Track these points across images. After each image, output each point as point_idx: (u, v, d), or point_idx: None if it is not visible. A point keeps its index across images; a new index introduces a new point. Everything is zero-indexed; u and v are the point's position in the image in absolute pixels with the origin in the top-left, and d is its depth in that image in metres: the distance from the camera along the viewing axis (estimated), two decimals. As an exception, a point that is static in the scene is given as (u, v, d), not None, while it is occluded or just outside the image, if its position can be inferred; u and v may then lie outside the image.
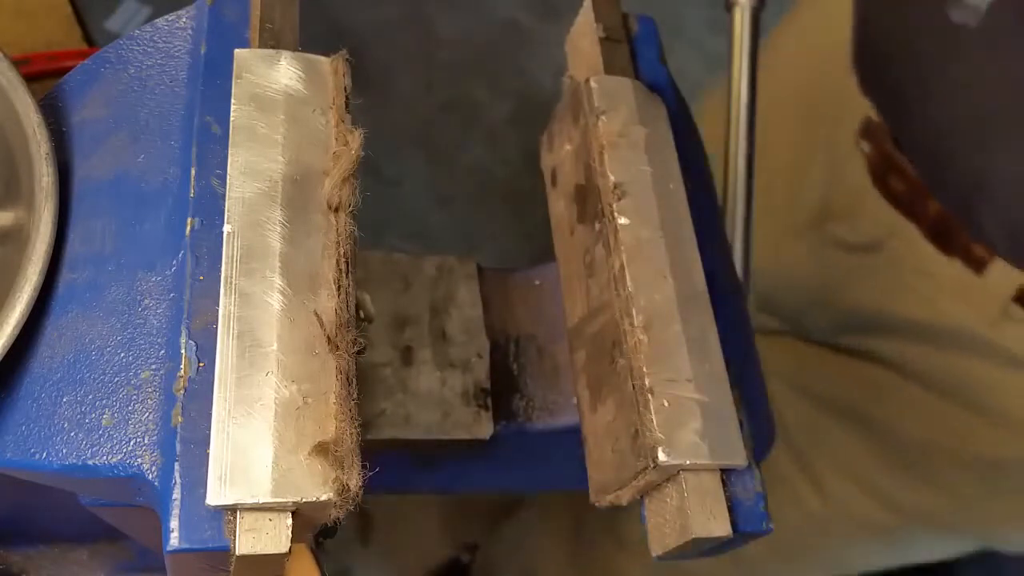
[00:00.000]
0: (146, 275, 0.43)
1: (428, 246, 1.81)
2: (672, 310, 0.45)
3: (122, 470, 0.39)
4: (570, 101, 0.53)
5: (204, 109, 0.45)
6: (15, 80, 0.46)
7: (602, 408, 0.47)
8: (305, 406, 0.38)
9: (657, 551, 0.44)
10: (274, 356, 0.39)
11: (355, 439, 0.38)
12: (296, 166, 0.43)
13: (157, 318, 0.42)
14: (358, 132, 0.44)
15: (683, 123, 0.54)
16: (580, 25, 0.55)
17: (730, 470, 0.44)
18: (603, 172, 0.48)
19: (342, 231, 0.43)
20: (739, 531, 0.43)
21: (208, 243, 0.42)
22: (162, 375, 0.40)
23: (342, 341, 0.40)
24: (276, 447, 0.37)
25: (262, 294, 0.40)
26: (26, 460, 0.40)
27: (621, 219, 0.47)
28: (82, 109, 0.48)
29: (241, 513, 0.36)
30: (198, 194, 0.43)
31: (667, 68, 0.55)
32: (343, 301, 0.41)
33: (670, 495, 0.43)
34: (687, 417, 0.43)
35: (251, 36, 0.47)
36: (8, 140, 0.45)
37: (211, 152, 0.44)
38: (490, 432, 0.53)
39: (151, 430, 0.40)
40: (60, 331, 0.42)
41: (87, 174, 0.46)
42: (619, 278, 0.46)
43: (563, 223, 0.53)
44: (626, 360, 0.45)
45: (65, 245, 0.44)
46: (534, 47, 2.04)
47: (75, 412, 0.40)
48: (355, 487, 0.38)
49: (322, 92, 0.46)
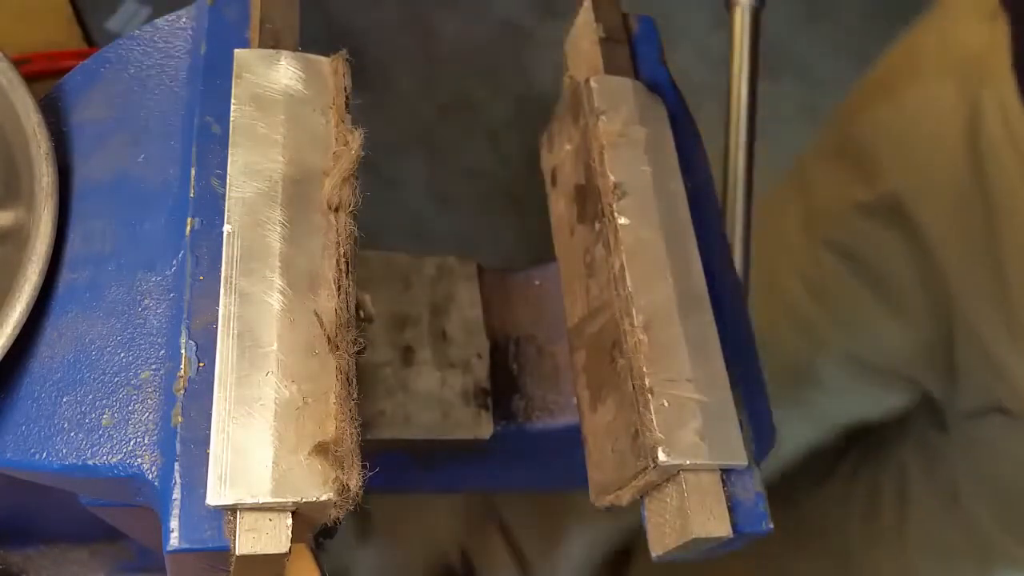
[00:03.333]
0: (146, 275, 0.43)
1: (428, 246, 1.81)
2: (672, 310, 0.45)
3: (122, 470, 0.39)
4: (570, 101, 0.53)
5: (204, 109, 0.45)
6: (15, 80, 0.46)
7: (602, 408, 0.47)
8: (305, 406, 0.38)
9: (657, 551, 0.44)
10: (274, 356, 0.39)
11: (355, 439, 0.38)
12: (296, 166, 0.43)
13: (157, 318, 0.42)
14: (358, 132, 0.44)
15: (683, 123, 0.54)
16: (580, 25, 0.55)
17: (730, 470, 0.44)
18: (603, 172, 0.48)
19: (342, 231, 0.43)
20: (739, 531, 0.43)
21: (208, 243, 0.42)
22: (162, 375, 0.40)
23: (342, 341, 0.40)
24: (276, 447, 0.37)
25: (262, 294, 0.40)
26: (26, 460, 0.40)
27: (621, 219, 0.47)
28: (82, 109, 0.48)
29: (241, 513, 0.36)
30: (198, 194, 0.43)
31: (667, 68, 0.55)
32: (343, 301, 0.41)
33: (670, 495, 0.43)
34: (687, 417, 0.43)
35: (251, 36, 0.47)
36: (8, 140, 0.45)
37: (211, 152, 0.44)
38: (490, 432, 0.53)
39: (151, 430, 0.40)
40: (60, 331, 0.42)
41: (87, 174, 0.46)
42: (619, 278, 0.46)
43: (563, 223, 0.53)
44: (626, 360, 0.45)
45: (65, 245, 0.44)
46: (534, 47, 2.04)
47: (75, 412, 0.40)
48: (355, 487, 0.38)
49: (322, 92, 0.46)
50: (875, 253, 0.97)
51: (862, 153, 0.96)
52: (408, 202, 1.86)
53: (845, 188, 0.98)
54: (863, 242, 0.97)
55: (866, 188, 0.95)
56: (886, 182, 0.93)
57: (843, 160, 1.00)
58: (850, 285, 1.00)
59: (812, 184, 1.06)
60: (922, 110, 0.90)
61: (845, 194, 0.98)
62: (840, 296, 1.02)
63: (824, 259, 1.01)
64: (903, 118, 0.92)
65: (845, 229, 0.99)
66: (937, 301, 0.92)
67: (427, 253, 0.58)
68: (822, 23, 2.16)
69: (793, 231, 1.06)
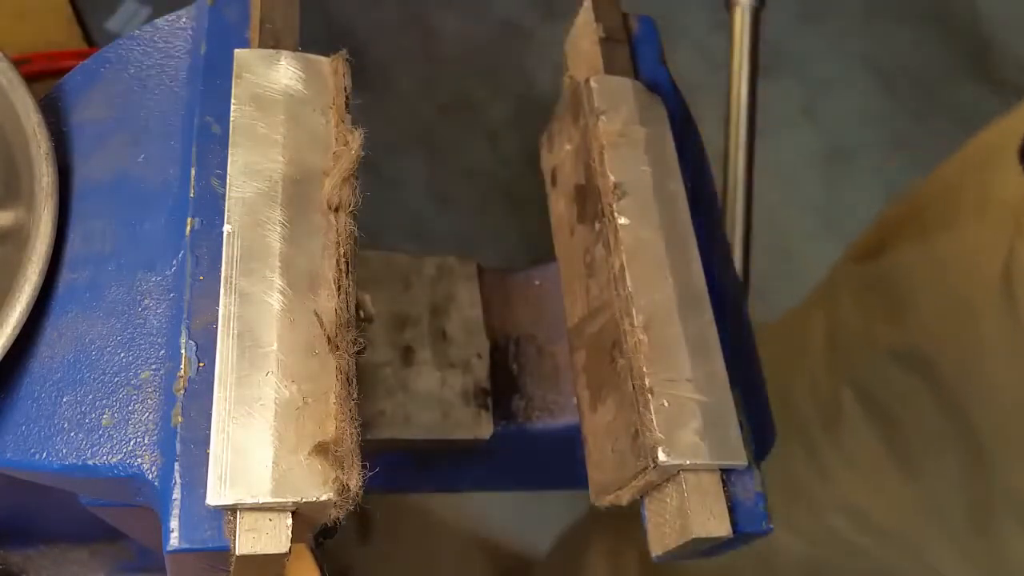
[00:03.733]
0: (146, 275, 0.43)
1: (428, 246, 1.81)
2: (672, 310, 0.45)
3: (122, 470, 0.39)
4: (570, 101, 0.53)
5: (204, 109, 0.45)
6: (15, 80, 0.46)
7: (602, 408, 0.47)
8: (305, 406, 0.38)
9: (657, 551, 0.44)
10: (274, 356, 0.39)
11: (355, 439, 0.38)
12: (296, 166, 0.43)
13: (157, 318, 0.42)
14: (358, 132, 0.44)
15: (683, 123, 0.54)
16: (580, 25, 0.55)
17: (730, 470, 0.44)
18: (603, 172, 0.48)
19: (342, 231, 0.43)
20: (739, 531, 0.43)
21: (208, 243, 0.42)
22: (162, 375, 0.40)
23: (342, 341, 0.40)
24: (276, 447, 0.37)
25: (262, 294, 0.40)
26: (26, 460, 0.40)
27: (621, 219, 0.47)
28: (82, 109, 0.48)
29: (241, 513, 0.36)
30: (198, 194, 0.43)
31: (667, 68, 0.55)
32: (343, 301, 0.41)
33: (670, 495, 0.43)
34: (687, 417, 0.43)
35: (251, 36, 0.47)
36: (8, 140, 0.45)
37: (211, 152, 0.44)
38: (490, 432, 0.53)
39: (151, 430, 0.40)
40: (60, 331, 0.42)
41: (87, 174, 0.46)
42: (619, 278, 0.46)
43: (563, 223, 0.53)
44: (626, 360, 0.45)
45: (65, 245, 0.44)
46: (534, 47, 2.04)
47: (75, 412, 0.40)
48: (355, 487, 0.38)
49: (322, 92, 0.46)
50: (899, 404, 0.91)
51: (892, 293, 0.92)
52: (408, 202, 1.86)
53: (873, 326, 0.94)
54: (886, 390, 0.92)
55: (894, 332, 0.91)
56: (915, 330, 0.89)
57: (873, 294, 0.95)
58: (864, 432, 0.94)
59: (840, 311, 1.00)
60: (956, 257, 0.86)
61: (872, 333, 0.94)
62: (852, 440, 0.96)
63: (843, 396, 0.96)
64: (936, 263, 0.88)
65: (869, 371, 0.94)
66: (965, 462, 0.87)
67: (427, 253, 0.58)
68: (822, 23, 2.16)
69: (815, 354, 1.00)
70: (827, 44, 2.14)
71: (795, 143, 2.03)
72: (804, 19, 2.14)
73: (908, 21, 2.18)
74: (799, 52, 2.10)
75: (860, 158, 2.03)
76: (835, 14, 2.17)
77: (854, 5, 2.20)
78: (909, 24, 2.17)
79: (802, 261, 1.93)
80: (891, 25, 2.17)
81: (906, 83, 2.11)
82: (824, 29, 2.16)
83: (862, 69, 2.13)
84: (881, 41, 2.16)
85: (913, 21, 2.18)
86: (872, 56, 2.14)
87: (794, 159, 2.01)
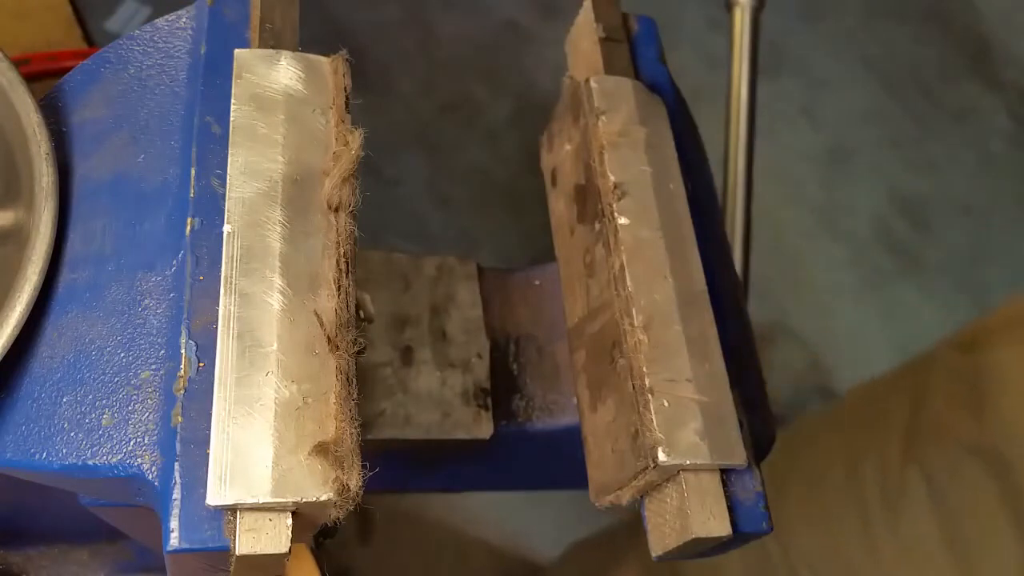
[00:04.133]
0: (146, 275, 0.43)
1: (428, 246, 1.81)
2: (672, 310, 0.45)
3: (122, 470, 0.39)
4: (570, 101, 0.53)
5: (204, 109, 0.45)
6: (15, 80, 0.46)
7: (602, 408, 0.47)
8: (305, 406, 0.38)
9: (657, 551, 0.44)
10: (274, 356, 0.39)
11: (355, 439, 0.38)
12: (296, 166, 0.43)
13: (157, 318, 0.42)
14: (358, 132, 0.44)
15: (683, 123, 0.54)
16: (580, 25, 0.55)
17: (730, 470, 0.44)
18: (603, 172, 0.48)
19: (342, 231, 0.43)
20: (739, 531, 0.43)
21: (208, 243, 0.42)
22: (162, 375, 0.40)
23: (342, 341, 0.40)
24: (276, 447, 0.37)
25: (262, 294, 0.40)
26: (26, 460, 0.40)
27: (621, 219, 0.47)
28: (82, 109, 0.48)
29: (241, 513, 0.36)
30: (198, 194, 0.43)
31: (667, 68, 0.55)
32: (343, 301, 0.41)
33: (670, 495, 0.43)
34: (687, 417, 0.43)
35: (251, 36, 0.47)
36: (8, 140, 0.45)
37: (211, 152, 0.44)
38: (490, 432, 0.53)
39: (151, 430, 0.40)
40: (60, 331, 0.42)
41: (87, 174, 0.46)
42: (619, 278, 0.46)
43: (563, 223, 0.53)
44: (626, 360, 0.45)
45: (65, 245, 0.44)
46: (534, 47, 2.04)
47: (75, 412, 0.40)
48: (355, 487, 0.38)
49: (322, 92, 0.46)
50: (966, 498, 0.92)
51: (981, 389, 0.93)
52: (408, 202, 1.86)
53: (956, 417, 0.95)
54: (956, 482, 0.93)
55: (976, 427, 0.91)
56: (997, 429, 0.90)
57: (963, 386, 0.96)
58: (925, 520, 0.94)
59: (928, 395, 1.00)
60: None
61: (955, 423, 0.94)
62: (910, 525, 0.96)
63: (910, 479, 0.96)
64: None
65: (943, 460, 0.94)
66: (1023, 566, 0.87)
67: (427, 253, 0.58)
68: (822, 23, 2.16)
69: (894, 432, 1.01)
70: (827, 44, 2.14)
71: (795, 143, 2.03)
72: (804, 19, 2.14)
73: (908, 21, 2.18)
74: (799, 52, 2.10)
75: (860, 158, 2.04)
76: (835, 14, 2.17)
77: (854, 5, 2.20)
78: (909, 24, 2.17)
79: (802, 261, 1.93)
80: (891, 25, 2.18)
81: (906, 83, 2.11)
82: (824, 29, 2.16)
83: (862, 69, 2.13)
84: (881, 41, 2.16)
85: (913, 21, 2.18)
86: (872, 56, 2.14)
87: (794, 159, 2.01)
